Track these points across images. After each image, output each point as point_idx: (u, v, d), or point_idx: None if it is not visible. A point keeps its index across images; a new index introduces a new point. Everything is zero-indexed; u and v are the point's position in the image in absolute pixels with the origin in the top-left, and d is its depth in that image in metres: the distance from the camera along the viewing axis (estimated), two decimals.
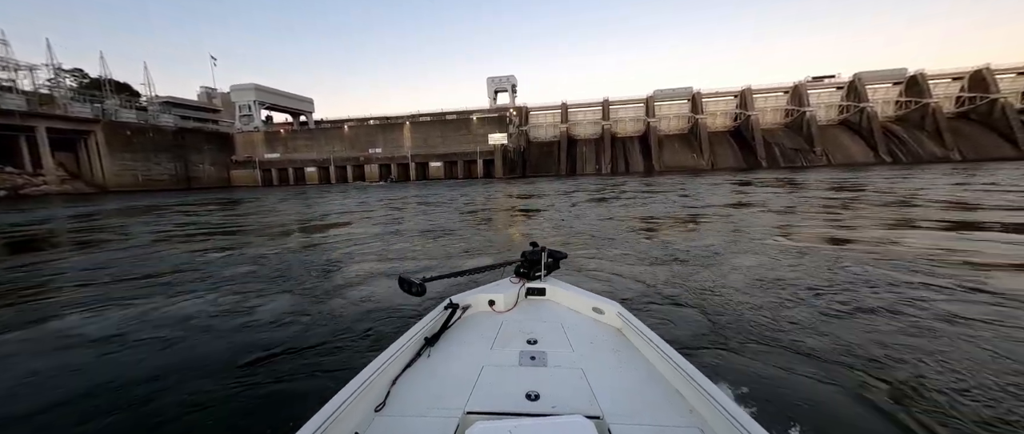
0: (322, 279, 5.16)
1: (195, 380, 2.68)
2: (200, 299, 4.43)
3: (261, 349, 3.11)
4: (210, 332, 3.51)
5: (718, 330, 3.18)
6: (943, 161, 43.26)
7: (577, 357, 1.68)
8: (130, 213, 16.70)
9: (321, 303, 4.19)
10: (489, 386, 1.45)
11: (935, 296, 3.74)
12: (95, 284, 5.21)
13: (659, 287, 4.28)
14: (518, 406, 1.32)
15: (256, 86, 59.35)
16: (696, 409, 1.29)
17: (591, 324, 2.04)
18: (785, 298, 3.84)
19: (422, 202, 17.50)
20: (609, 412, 1.28)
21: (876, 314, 3.40)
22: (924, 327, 3.12)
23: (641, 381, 1.49)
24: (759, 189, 17.42)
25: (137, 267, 6.21)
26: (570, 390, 1.42)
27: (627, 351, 1.74)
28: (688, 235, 7.35)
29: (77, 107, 44.93)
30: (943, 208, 9.49)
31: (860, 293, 3.91)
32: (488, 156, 51.65)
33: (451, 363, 1.64)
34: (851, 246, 5.95)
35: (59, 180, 42.40)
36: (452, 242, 7.61)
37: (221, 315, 3.91)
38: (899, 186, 15.56)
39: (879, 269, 4.63)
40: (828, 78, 55.05)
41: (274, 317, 3.81)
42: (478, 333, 1.93)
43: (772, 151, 51.78)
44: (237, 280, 5.21)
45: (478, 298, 2.25)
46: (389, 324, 3.48)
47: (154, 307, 4.19)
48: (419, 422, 1.26)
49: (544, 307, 2.30)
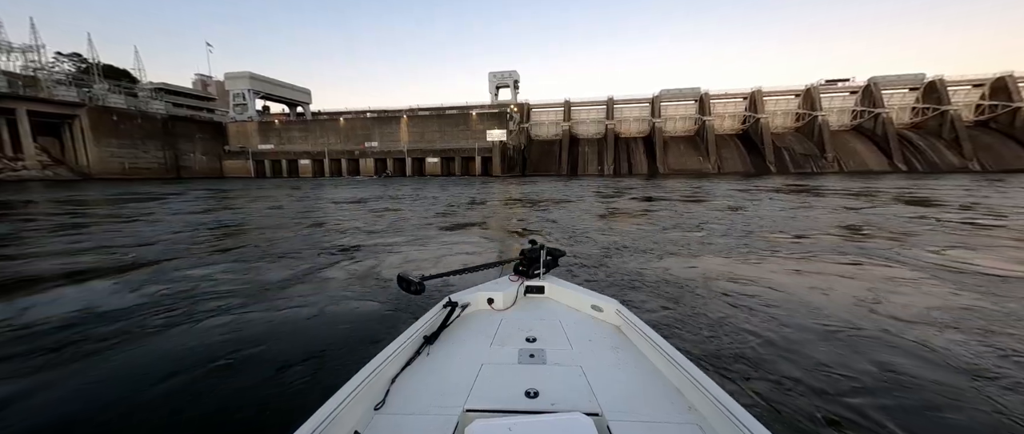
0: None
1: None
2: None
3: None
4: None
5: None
6: (962, 171, 41.33)
7: (576, 355, 1.68)
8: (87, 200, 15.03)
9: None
10: (488, 384, 1.45)
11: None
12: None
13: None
14: (517, 404, 1.32)
15: (251, 74, 57.72)
16: (695, 406, 1.29)
17: (590, 322, 2.05)
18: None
19: (394, 203, 15.78)
20: (608, 409, 1.28)
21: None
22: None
23: (640, 378, 1.49)
24: (842, 200, 12.97)
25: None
26: (569, 387, 1.42)
27: (626, 349, 1.74)
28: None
29: (62, 90, 43.38)
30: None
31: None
32: (486, 153, 49.87)
33: (450, 361, 1.64)
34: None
35: (40, 166, 40.88)
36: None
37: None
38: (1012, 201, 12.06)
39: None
40: (842, 82, 53.07)
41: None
42: (477, 331, 1.94)
43: (782, 156, 49.91)
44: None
45: (477, 296, 2.23)
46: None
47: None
48: (419, 420, 1.26)
49: (543, 305, 2.31)
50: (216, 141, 57.13)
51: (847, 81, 52.82)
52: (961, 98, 47.92)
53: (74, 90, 44.57)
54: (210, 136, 56.62)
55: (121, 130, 46.05)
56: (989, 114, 46.72)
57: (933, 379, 2.28)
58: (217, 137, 57.41)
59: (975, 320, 3.13)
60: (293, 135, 57.45)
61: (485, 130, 50.95)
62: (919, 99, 49.51)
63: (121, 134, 46.08)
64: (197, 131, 55.07)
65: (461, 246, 6.63)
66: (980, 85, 47.60)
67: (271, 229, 8.56)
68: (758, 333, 2.92)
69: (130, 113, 47.61)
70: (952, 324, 3.05)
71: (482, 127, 51.33)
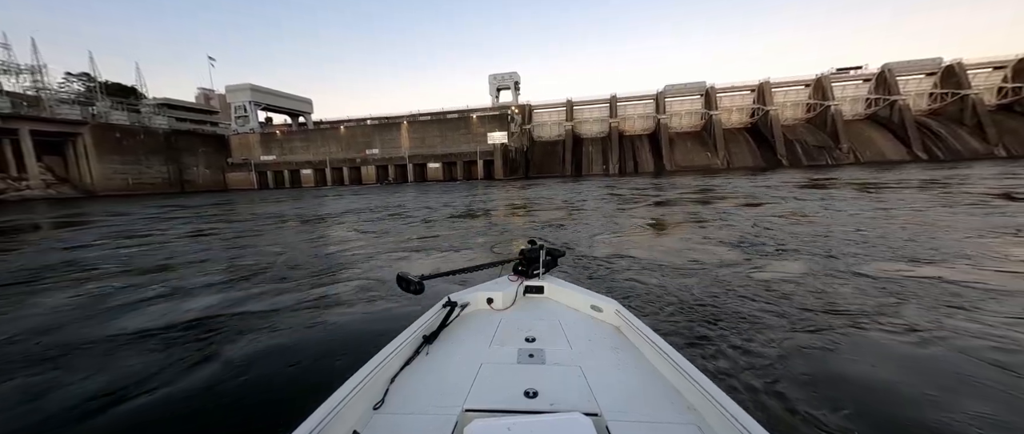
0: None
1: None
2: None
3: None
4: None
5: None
6: (987, 157, 39.30)
7: (575, 354, 1.67)
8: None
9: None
10: (487, 384, 1.44)
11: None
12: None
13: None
14: (516, 403, 1.31)
15: (251, 86, 57.76)
16: (694, 406, 1.28)
17: (589, 322, 2.03)
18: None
19: (377, 214, 14.90)
20: (607, 409, 1.27)
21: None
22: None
23: (639, 378, 1.48)
24: (922, 196, 10.77)
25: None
26: (568, 387, 1.41)
27: (625, 349, 1.73)
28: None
29: (65, 109, 43.65)
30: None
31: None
32: (488, 156, 49.00)
33: (449, 361, 1.63)
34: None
35: (44, 184, 41.08)
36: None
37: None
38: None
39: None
40: (854, 69, 51.22)
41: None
42: (476, 331, 1.93)
43: (793, 149, 48.22)
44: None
45: (476, 296, 2.21)
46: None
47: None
48: (418, 420, 1.25)
49: (542, 305, 2.28)
50: (219, 154, 57.23)
51: (859, 69, 50.97)
52: (981, 81, 45.77)
53: (78, 108, 44.84)
54: (213, 149, 56.73)
55: (124, 146, 46.21)
56: (1012, 97, 44.52)
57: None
58: (220, 150, 57.51)
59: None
60: (295, 145, 57.29)
61: (486, 133, 50.10)
62: (937, 84, 47.45)
63: (124, 150, 46.24)
64: (200, 145, 55.21)
65: (452, 256, 5.89)
66: (1002, 67, 45.42)
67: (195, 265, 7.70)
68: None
69: (133, 129, 47.81)
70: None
71: (483, 130, 50.50)
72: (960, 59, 45.85)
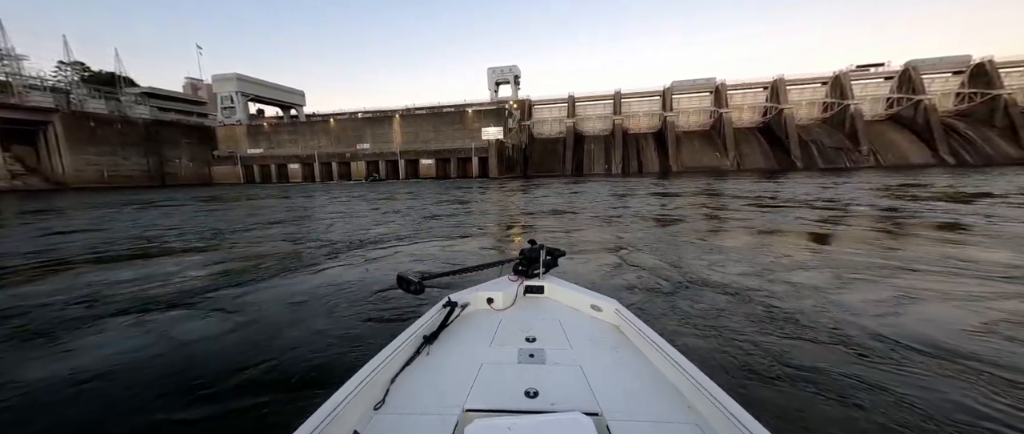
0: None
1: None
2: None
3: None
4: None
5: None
6: (1021, 162, 36.23)
7: (575, 354, 1.67)
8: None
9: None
10: (488, 384, 1.44)
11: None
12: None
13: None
14: (517, 403, 1.31)
15: (238, 75, 55.20)
16: (694, 406, 1.28)
17: (589, 321, 2.02)
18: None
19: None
20: (607, 409, 1.27)
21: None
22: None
23: (639, 378, 1.48)
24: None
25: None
26: (569, 387, 1.41)
27: (625, 348, 1.72)
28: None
29: (35, 95, 41.19)
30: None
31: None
32: (483, 153, 46.26)
33: (450, 361, 1.63)
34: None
35: (10, 175, 38.68)
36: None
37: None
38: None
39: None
40: (875, 66, 48.10)
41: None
42: (477, 331, 1.92)
43: (809, 150, 45.22)
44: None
45: (476, 296, 2.20)
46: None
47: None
48: (418, 420, 1.25)
49: (542, 305, 2.27)
50: (204, 146, 54.71)
51: (881, 66, 47.84)
52: (1014, 81, 42.58)
53: (50, 95, 42.38)
54: (198, 141, 54.19)
55: (99, 136, 43.73)
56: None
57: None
58: (205, 142, 54.98)
59: None
60: (283, 138, 54.70)
61: (482, 128, 47.37)
62: (965, 83, 44.30)
63: (99, 141, 43.76)
64: (183, 136, 52.68)
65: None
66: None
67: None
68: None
69: (109, 118, 45.32)
70: None
71: (479, 125, 47.75)
72: (991, 57, 42.69)
